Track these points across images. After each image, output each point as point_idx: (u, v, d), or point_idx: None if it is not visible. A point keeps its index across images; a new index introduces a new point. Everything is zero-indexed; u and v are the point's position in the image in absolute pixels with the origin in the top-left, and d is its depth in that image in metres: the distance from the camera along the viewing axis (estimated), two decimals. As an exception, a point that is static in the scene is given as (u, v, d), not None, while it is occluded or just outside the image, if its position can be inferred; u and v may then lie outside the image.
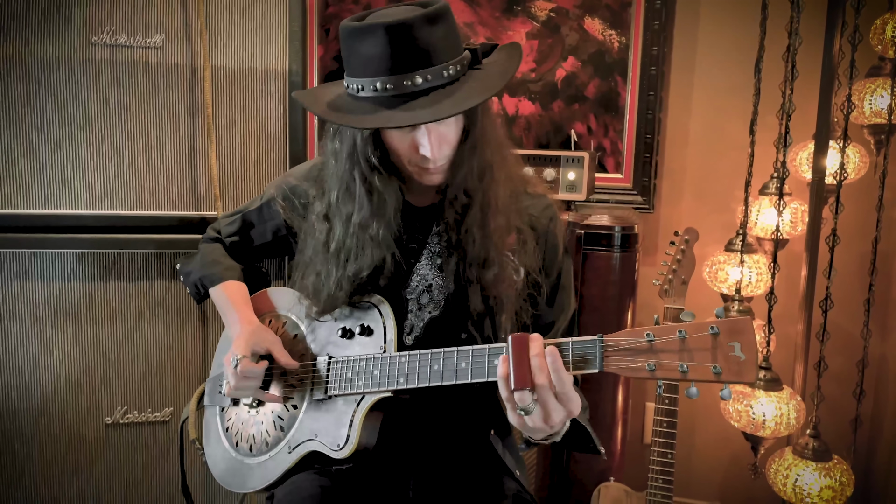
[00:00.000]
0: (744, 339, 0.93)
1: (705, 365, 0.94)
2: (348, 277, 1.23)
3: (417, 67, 1.08)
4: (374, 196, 1.21)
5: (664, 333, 0.97)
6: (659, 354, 0.97)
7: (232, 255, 1.48)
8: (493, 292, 1.23)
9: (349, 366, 1.22)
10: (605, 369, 0.99)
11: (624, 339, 0.99)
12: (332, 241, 1.25)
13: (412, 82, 1.08)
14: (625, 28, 2.20)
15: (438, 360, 1.13)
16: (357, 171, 1.20)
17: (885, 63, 1.91)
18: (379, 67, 1.09)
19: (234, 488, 1.34)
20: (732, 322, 0.94)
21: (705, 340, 0.95)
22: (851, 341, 2.01)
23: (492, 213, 1.22)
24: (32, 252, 1.79)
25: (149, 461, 1.93)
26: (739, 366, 0.93)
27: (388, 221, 1.21)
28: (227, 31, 1.82)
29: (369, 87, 1.11)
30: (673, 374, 0.96)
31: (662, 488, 1.73)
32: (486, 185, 1.22)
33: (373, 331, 1.23)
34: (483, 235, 1.22)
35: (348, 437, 1.19)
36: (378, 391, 1.18)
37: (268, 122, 1.87)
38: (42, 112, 1.75)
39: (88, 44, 1.76)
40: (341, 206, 1.23)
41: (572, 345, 1.02)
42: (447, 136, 1.17)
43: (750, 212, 1.97)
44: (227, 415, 1.40)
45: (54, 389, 1.84)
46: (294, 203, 1.36)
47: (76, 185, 1.79)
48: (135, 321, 1.86)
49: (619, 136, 2.25)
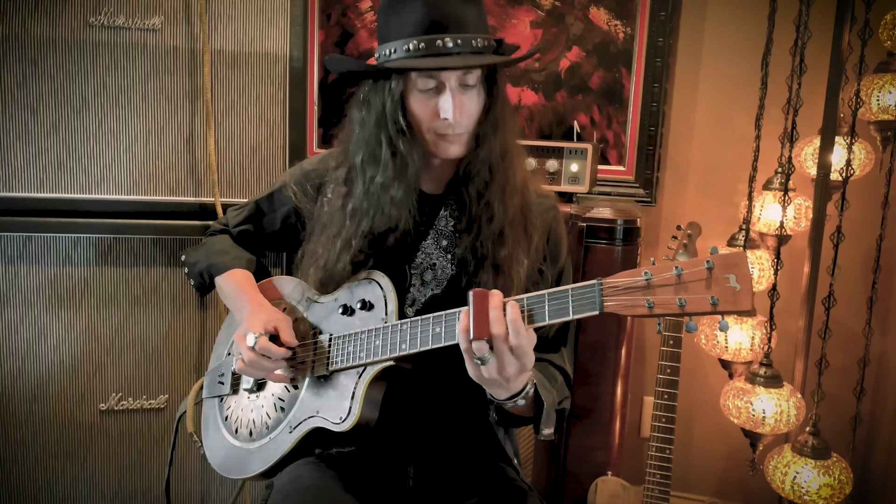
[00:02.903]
0: (739, 270, 0.95)
1: (702, 296, 0.96)
2: (361, 234, 1.26)
3: (449, 32, 1.16)
4: (397, 159, 1.24)
5: (661, 271, 0.99)
6: (656, 290, 0.99)
7: (240, 245, 1.47)
8: (503, 269, 1.25)
9: (350, 340, 1.23)
10: (606, 310, 1.01)
11: (622, 280, 1.01)
12: (351, 201, 1.28)
13: (443, 43, 1.15)
14: (630, 18, 2.17)
15: (440, 323, 1.13)
16: (384, 134, 1.23)
17: (893, 59, 1.88)
18: (414, 30, 1.16)
19: (235, 475, 1.34)
20: (727, 255, 0.97)
21: (701, 274, 0.97)
22: (852, 338, 2.00)
23: (510, 191, 1.27)
24: (27, 236, 1.77)
25: (143, 448, 1.92)
26: (735, 295, 0.95)
27: (409, 185, 1.25)
28: (227, 14, 1.80)
29: (402, 48, 1.17)
30: (672, 308, 0.98)
31: (660, 483, 1.72)
32: (508, 164, 1.27)
33: (373, 305, 1.24)
34: (503, 210, 1.26)
35: (351, 409, 1.19)
36: (380, 360, 1.19)
37: (268, 107, 1.85)
38: (38, 94, 1.73)
39: (86, 25, 1.73)
40: (366, 168, 1.27)
41: (572, 291, 1.04)
42: (468, 107, 1.22)
43: (753, 207, 1.96)
44: (227, 404, 1.39)
45: (49, 375, 1.83)
46: (306, 188, 1.37)
47: (72, 168, 1.77)
48: (130, 307, 1.85)
49: (623, 127, 2.23)
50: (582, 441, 1.94)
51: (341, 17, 2.28)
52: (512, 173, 1.28)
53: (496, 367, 1.05)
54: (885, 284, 2.07)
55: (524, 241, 1.28)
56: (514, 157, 1.29)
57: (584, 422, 1.92)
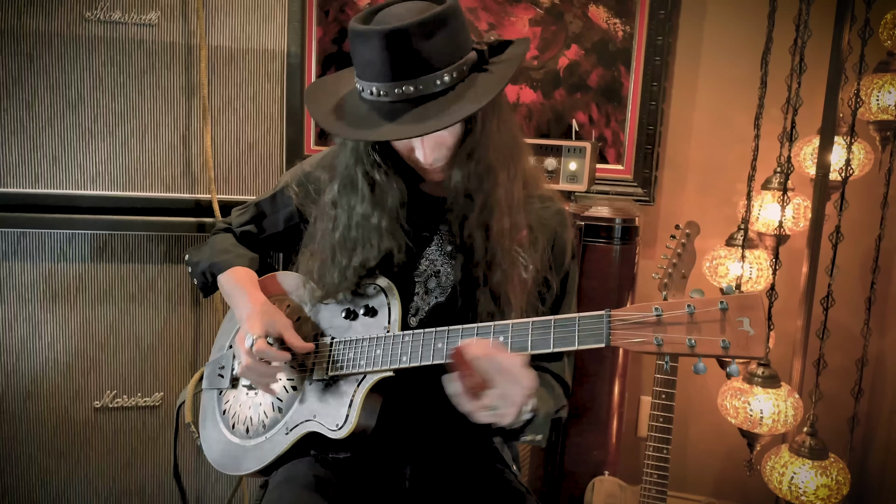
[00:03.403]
0: (753, 314, 0.93)
1: (714, 339, 0.94)
2: (354, 268, 1.23)
3: (412, 75, 1.09)
4: (375, 190, 1.22)
5: (673, 308, 0.96)
6: (667, 328, 0.96)
7: (243, 245, 1.46)
8: (498, 292, 1.22)
9: (351, 346, 1.21)
10: (612, 343, 0.99)
11: (632, 314, 0.98)
12: (338, 230, 1.25)
13: (403, 90, 1.09)
14: (629, 17, 2.16)
15: (443, 338, 1.12)
16: (360, 166, 1.22)
17: (893, 59, 1.88)
18: (376, 72, 1.10)
19: (229, 471, 1.33)
20: (742, 297, 0.94)
21: (714, 315, 0.94)
22: (850, 339, 2.00)
23: (496, 216, 1.21)
24: (21, 232, 1.76)
25: (138, 446, 1.91)
26: (748, 340, 0.92)
27: (391, 213, 1.22)
28: (224, 10, 1.78)
29: (368, 90, 1.13)
30: (681, 348, 0.95)
31: (657, 483, 1.72)
32: (489, 188, 1.20)
33: (377, 311, 1.22)
34: (485, 238, 1.21)
35: (348, 417, 1.17)
36: (380, 370, 1.17)
37: (265, 103, 1.84)
38: (33, 89, 1.71)
39: (82, 19, 1.72)
40: (344, 197, 1.24)
41: (579, 320, 1.01)
42: (443, 139, 1.17)
43: (752, 206, 1.95)
44: (225, 398, 1.38)
45: (43, 372, 1.82)
46: (308, 189, 1.35)
47: (67, 164, 1.75)
48: (126, 304, 1.83)
49: (621, 126, 2.22)
50: (579, 440, 1.93)
51: (339, 13, 2.27)
52: (496, 197, 1.20)
53: (509, 406, 1.03)
54: (883, 285, 2.07)
55: (524, 257, 1.25)
56: (499, 176, 1.21)
57: (581, 421, 1.92)
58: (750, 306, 0.93)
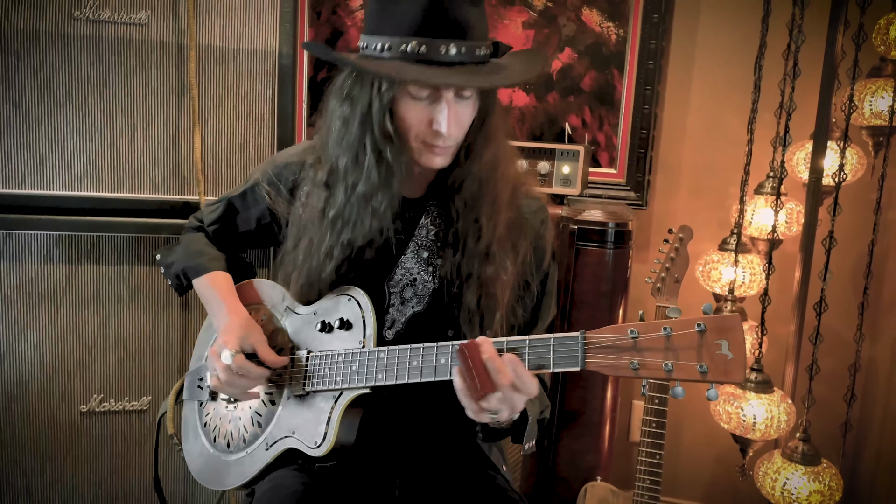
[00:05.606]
0: (732, 336, 0.90)
1: (691, 364, 0.91)
2: (342, 244, 1.19)
3: (452, 37, 1.05)
4: (382, 166, 1.15)
5: (649, 330, 0.93)
6: (643, 352, 0.93)
7: (215, 245, 1.43)
8: (489, 289, 1.20)
9: (327, 361, 1.19)
10: (587, 367, 0.96)
11: (607, 336, 0.95)
12: (332, 209, 1.20)
13: (446, 50, 1.05)
14: (623, 20, 2.16)
15: (417, 356, 1.10)
16: (369, 138, 1.13)
17: (886, 64, 1.88)
18: (412, 28, 1.05)
19: (212, 485, 1.31)
20: (720, 319, 0.91)
21: (691, 338, 0.91)
22: (842, 344, 1.99)
23: (500, 206, 1.20)
24: (7, 233, 1.73)
25: (125, 451, 1.88)
26: (727, 365, 0.90)
27: (393, 195, 1.17)
28: (215, 9, 1.77)
29: (398, 46, 1.06)
30: (657, 373, 0.93)
31: (649, 489, 1.71)
32: (498, 177, 1.20)
33: (352, 325, 1.19)
34: (491, 227, 1.19)
35: (326, 435, 1.16)
36: (356, 387, 1.15)
37: (256, 104, 1.82)
38: (20, 87, 1.69)
39: (70, 18, 1.69)
40: (348, 175, 1.18)
41: (554, 342, 0.99)
42: (463, 118, 1.14)
43: (745, 211, 1.95)
44: (206, 410, 1.36)
45: (28, 375, 1.79)
46: (279, 188, 1.31)
47: (54, 164, 1.73)
48: (113, 307, 1.81)
49: (614, 130, 2.22)
50: (571, 445, 1.92)
51: (331, 14, 2.26)
52: (503, 185, 1.21)
53: (508, 411, 1.02)
54: (876, 290, 2.07)
55: (511, 256, 1.23)
56: (506, 168, 1.21)
57: (573, 426, 1.90)
58: (728, 328, 0.90)
